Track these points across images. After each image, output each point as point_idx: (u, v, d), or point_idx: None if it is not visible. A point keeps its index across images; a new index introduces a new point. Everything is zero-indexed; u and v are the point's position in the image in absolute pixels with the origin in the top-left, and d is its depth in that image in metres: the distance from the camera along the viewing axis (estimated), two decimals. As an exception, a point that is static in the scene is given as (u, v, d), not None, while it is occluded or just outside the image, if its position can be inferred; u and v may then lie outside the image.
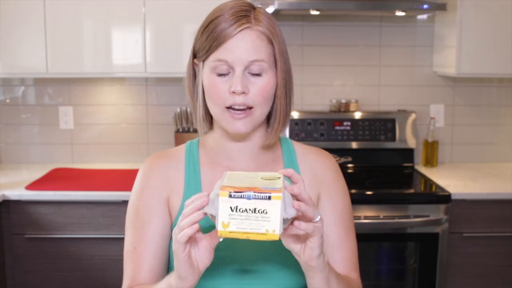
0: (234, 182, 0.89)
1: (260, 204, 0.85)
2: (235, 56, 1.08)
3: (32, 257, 2.55)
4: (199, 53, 1.13)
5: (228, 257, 1.13)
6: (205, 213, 0.92)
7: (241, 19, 1.09)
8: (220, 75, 1.10)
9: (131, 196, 1.21)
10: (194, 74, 1.18)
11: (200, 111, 1.17)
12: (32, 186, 2.59)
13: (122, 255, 1.19)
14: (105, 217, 2.52)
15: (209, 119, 1.19)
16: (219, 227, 0.87)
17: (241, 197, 0.86)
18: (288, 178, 0.98)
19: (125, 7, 2.68)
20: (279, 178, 0.93)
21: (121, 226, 1.22)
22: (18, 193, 2.51)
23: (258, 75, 1.10)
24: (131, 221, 1.19)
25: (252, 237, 0.86)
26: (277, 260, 1.13)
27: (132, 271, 1.15)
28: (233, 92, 1.09)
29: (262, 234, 0.86)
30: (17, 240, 2.53)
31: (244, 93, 1.09)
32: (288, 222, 0.91)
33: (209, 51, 1.10)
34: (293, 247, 0.98)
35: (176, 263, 0.96)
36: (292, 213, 0.89)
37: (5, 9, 2.65)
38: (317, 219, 0.94)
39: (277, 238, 0.87)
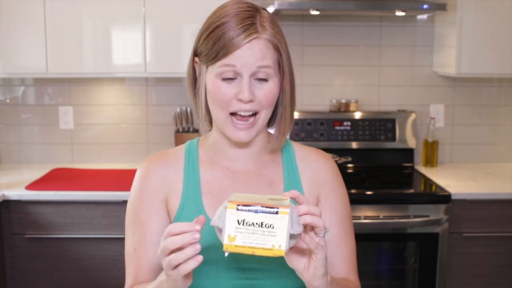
0: (242, 199, 0.89)
1: (267, 219, 0.85)
2: (243, 62, 1.07)
3: (32, 257, 2.55)
4: (203, 57, 1.12)
5: (226, 256, 1.12)
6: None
7: (249, 28, 1.07)
8: (225, 79, 1.09)
9: (130, 197, 1.21)
10: (194, 72, 1.17)
11: (202, 112, 1.17)
12: (32, 186, 2.59)
13: (122, 255, 1.20)
14: (105, 217, 2.52)
15: (210, 118, 1.19)
16: (225, 241, 0.86)
17: (248, 210, 0.85)
18: (293, 199, 0.97)
19: (125, 7, 2.68)
20: (286, 199, 0.92)
21: (121, 226, 1.22)
22: (18, 193, 2.51)
23: (264, 80, 1.10)
24: (130, 223, 1.20)
25: (258, 252, 0.86)
26: (277, 259, 1.13)
27: (133, 272, 1.17)
28: (240, 100, 1.09)
29: (268, 249, 0.86)
30: (17, 240, 2.53)
31: (251, 101, 1.09)
32: (294, 241, 0.91)
33: (215, 58, 1.08)
34: (297, 265, 0.98)
35: (164, 273, 0.97)
36: (298, 229, 0.89)
37: (5, 9, 2.65)
38: (323, 233, 0.94)
39: (283, 254, 0.87)
